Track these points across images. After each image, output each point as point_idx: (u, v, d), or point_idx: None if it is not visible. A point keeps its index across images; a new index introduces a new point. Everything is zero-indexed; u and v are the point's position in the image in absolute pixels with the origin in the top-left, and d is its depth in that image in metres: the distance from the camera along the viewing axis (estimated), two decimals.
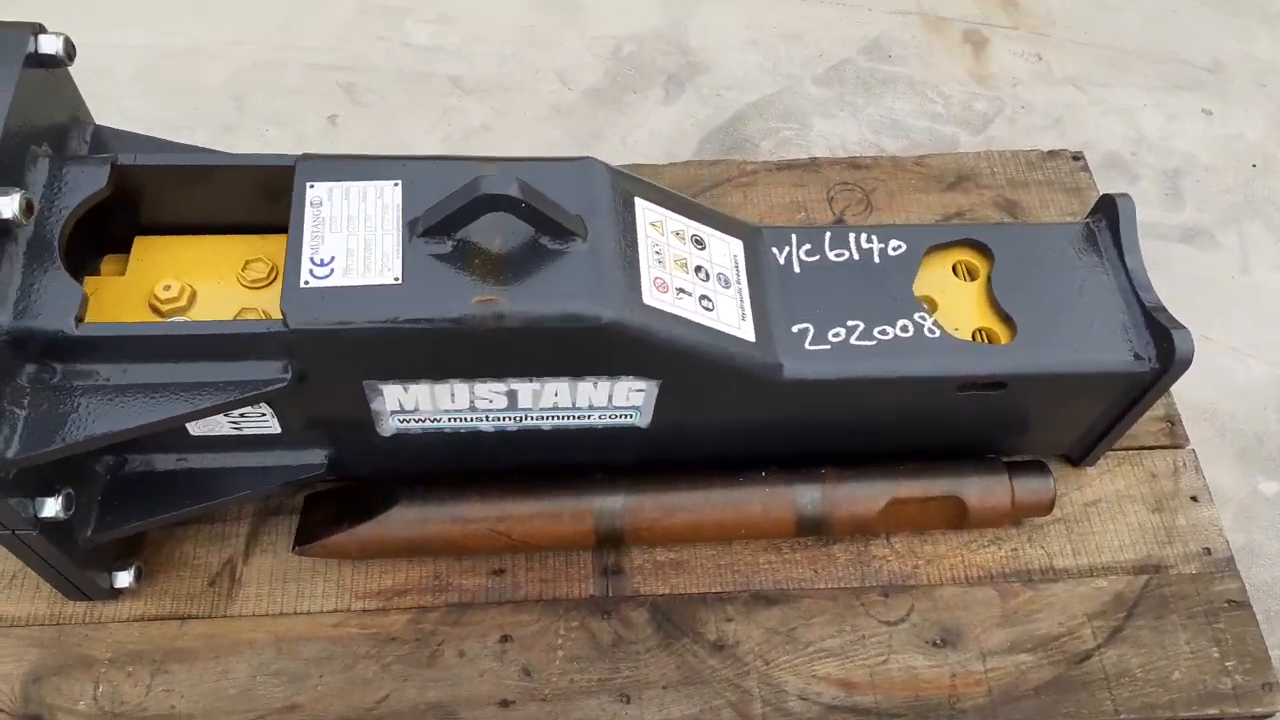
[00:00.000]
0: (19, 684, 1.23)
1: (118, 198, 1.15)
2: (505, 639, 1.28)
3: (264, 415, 1.16)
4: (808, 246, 1.28)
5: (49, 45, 1.09)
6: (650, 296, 1.10)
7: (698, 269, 1.17)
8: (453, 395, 1.15)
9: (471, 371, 1.12)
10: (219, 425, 1.17)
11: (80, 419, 1.02)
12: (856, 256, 1.28)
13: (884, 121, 2.07)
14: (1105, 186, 1.96)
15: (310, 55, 2.12)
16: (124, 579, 1.25)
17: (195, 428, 1.17)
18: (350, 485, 1.32)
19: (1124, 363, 1.22)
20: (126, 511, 1.19)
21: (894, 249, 1.29)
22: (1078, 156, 1.76)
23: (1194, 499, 1.41)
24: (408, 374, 1.11)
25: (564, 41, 2.17)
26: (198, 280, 1.16)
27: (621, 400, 1.19)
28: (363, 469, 1.30)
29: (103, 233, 1.19)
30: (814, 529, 1.31)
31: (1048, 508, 1.33)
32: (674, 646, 1.28)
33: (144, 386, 1.05)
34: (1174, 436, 1.46)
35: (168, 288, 1.13)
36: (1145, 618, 1.32)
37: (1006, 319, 1.26)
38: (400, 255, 1.06)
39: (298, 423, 1.19)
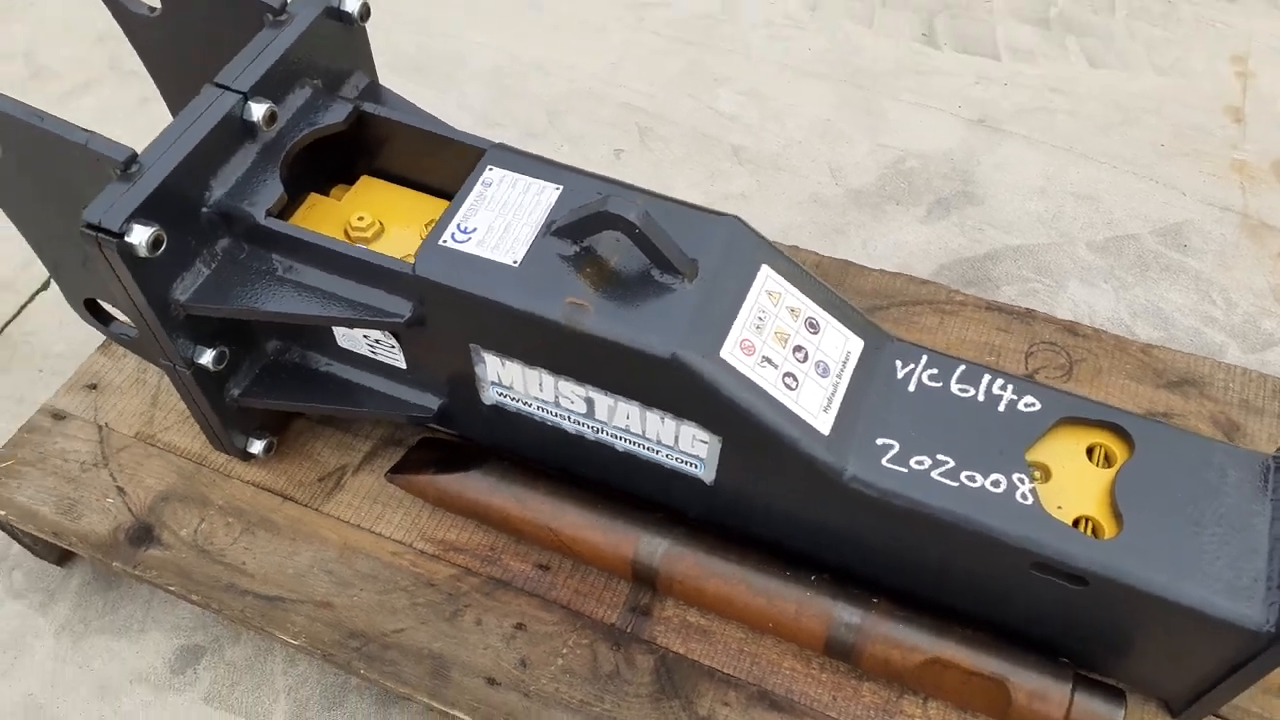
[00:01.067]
0: (152, 497, 1.47)
1: (357, 140, 1.37)
2: (520, 627, 1.34)
3: (393, 347, 1.32)
4: (933, 371, 1.24)
5: (349, 4, 1.33)
6: (730, 353, 1.12)
7: (797, 348, 1.18)
8: (540, 384, 1.24)
9: (556, 366, 1.20)
10: (359, 344, 1.35)
11: (244, 293, 1.23)
12: (981, 399, 1.22)
13: (1147, 307, 1.91)
14: None
15: (626, 95, 2.33)
16: (257, 447, 1.46)
17: (342, 340, 1.36)
18: (457, 442, 1.45)
19: (1232, 612, 1.06)
20: (274, 389, 1.40)
21: (1025, 405, 1.21)
22: None
23: None
24: (505, 349, 1.22)
25: (853, 141, 2.21)
26: (390, 221, 1.35)
27: (687, 446, 1.22)
28: (467, 429, 1.42)
29: (344, 166, 1.42)
30: (843, 654, 1.25)
31: None
32: (662, 704, 1.27)
33: (299, 284, 1.24)
34: None
35: (361, 219, 1.32)
36: None
37: (1119, 518, 1.14)
38: (529, 244, 1.17)
39: (418, 364, 1.33)
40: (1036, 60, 2.39)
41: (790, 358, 1.17)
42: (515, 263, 1.16)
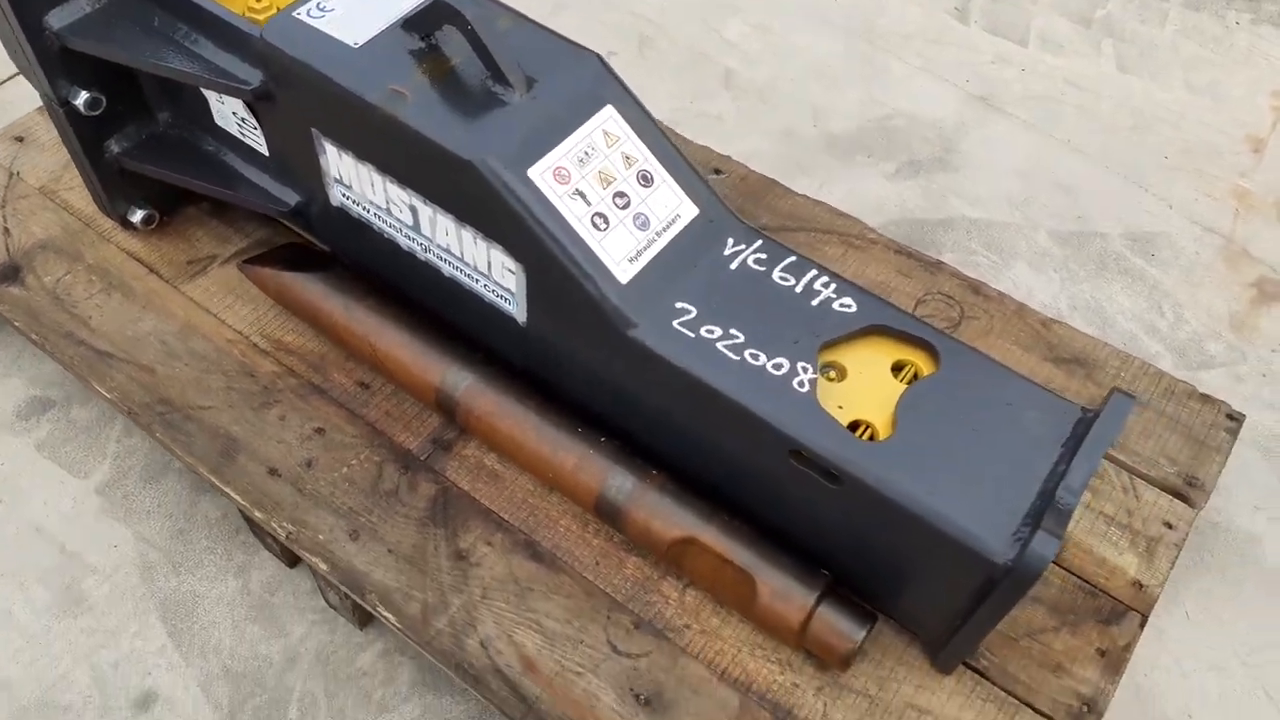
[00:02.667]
0: (32, 242, 1.52)
1: None
2: (320, 431, 1.34)
3: (255, 129, 1.33)
4: (762, 256, 1.20)
5: None
6: (539, 175, 1.10)
7: (619, 194, 1.15)
8: (372, 184, 1.24)
9: (381, 161, 1.19)
10: (230, 123, 1.36)
11: (119, 36, 1.26)
12: (798, 290, 1.17)
13: (1090, 304, 1.81)
14: None
15: (639, 5, 2.31)
16: (137, 216, 1.50)
17: (217, 117, 1.38)
18: (319, 251, 1.46)
19: (975, 538, 1.00)
20: (155, 157, 1.43)
21: (840, 305, 1.16)
22: (1235, 417, 1.43)
23: None
24: (339, 137, 1.21)
25: (846, 90, 2.15)
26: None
27: (499, 276, 1.20)
28: (323, 235, 1.43)
29: None
30: (610, 515, 1.22)
31: (842, 660, 1.12)
32: (427, 530, 1.26)
33: (168, 39, 1.26)
34: None
35: (260, 2, 1.34)
36: None
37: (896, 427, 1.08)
38: (377, 31, 1.17)
39: (277, 152, 1.34)
40: (1064, 53, 2.29)
41: (608, 200, 1.14)
42: (356, 44, 1.16)
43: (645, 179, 1.18)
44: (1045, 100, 2.18)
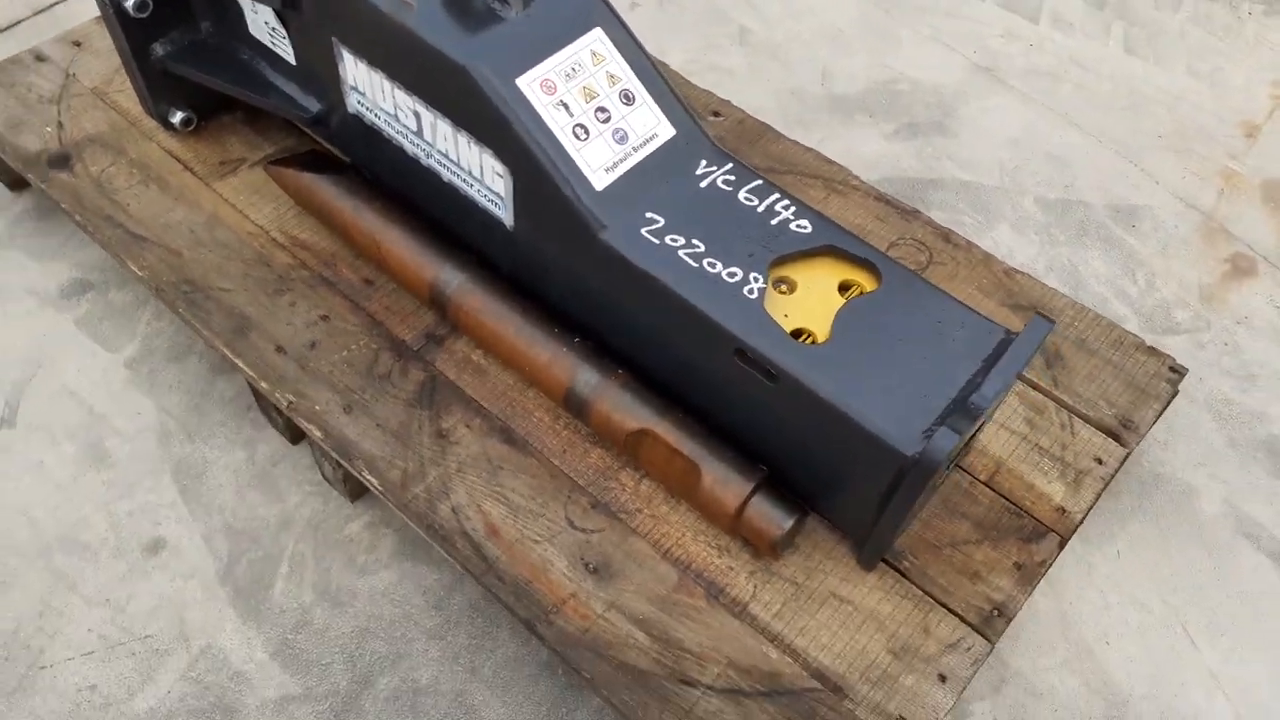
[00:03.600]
0: (82, 135, 1.66)
1: None
2: (325, 318, 1.48)
3: (284, 38, 1.46)
4: (730, 178, 1.31)
5: None
6: (526, 85, 1.22)
7: (601, 109, 1.27)
8: (382, 90, 1.36)
9: (392, 70, 1.32)
10: (263, 32, 1.50)
11: None
12: (760, 210, 1.28)
13: (1066, 267, 1.90)
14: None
15: None
16: (177, 117, 1.64)
17: (251, 27, 1.51)
18: (337, 159, 1.60)
19: (889, 432, 1.11)
20: (197, 62, 1.57)
21: (797, 225, 1.27)
22: (1178, 370, 1.52)
23: (942, 678, 1.22)
24: (355, 45, 1.34)
25: (855, 55, 2.25)
26: None
27: (490, 180, 1.32)
28: (342, 142, 1.56)
29: None
30: (577, 407, 1.34)
31: (771, 546, 1.24)
32: (413, 410, 1.39)
33: None
34: (989, 626, 1.26)
35: None
36: (776, 711, 1.18)
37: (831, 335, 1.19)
38: None
39: (302, 60, 1.47)
40: (1073, 33, 2.36)
41: (590, 114, 1.26)
42: None
43: (627, 98, 1.29)
44: (1047, 76, 2.26)
